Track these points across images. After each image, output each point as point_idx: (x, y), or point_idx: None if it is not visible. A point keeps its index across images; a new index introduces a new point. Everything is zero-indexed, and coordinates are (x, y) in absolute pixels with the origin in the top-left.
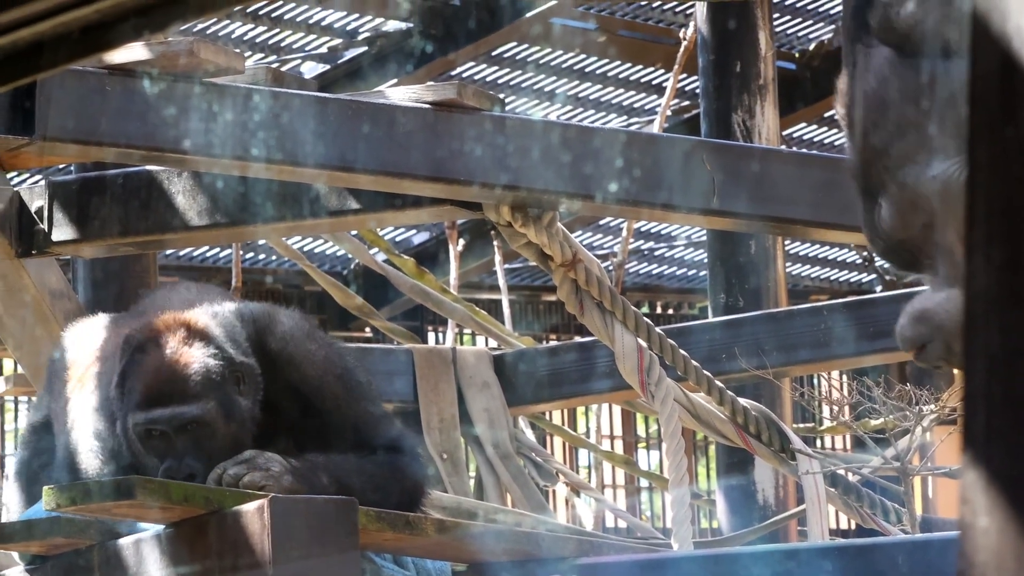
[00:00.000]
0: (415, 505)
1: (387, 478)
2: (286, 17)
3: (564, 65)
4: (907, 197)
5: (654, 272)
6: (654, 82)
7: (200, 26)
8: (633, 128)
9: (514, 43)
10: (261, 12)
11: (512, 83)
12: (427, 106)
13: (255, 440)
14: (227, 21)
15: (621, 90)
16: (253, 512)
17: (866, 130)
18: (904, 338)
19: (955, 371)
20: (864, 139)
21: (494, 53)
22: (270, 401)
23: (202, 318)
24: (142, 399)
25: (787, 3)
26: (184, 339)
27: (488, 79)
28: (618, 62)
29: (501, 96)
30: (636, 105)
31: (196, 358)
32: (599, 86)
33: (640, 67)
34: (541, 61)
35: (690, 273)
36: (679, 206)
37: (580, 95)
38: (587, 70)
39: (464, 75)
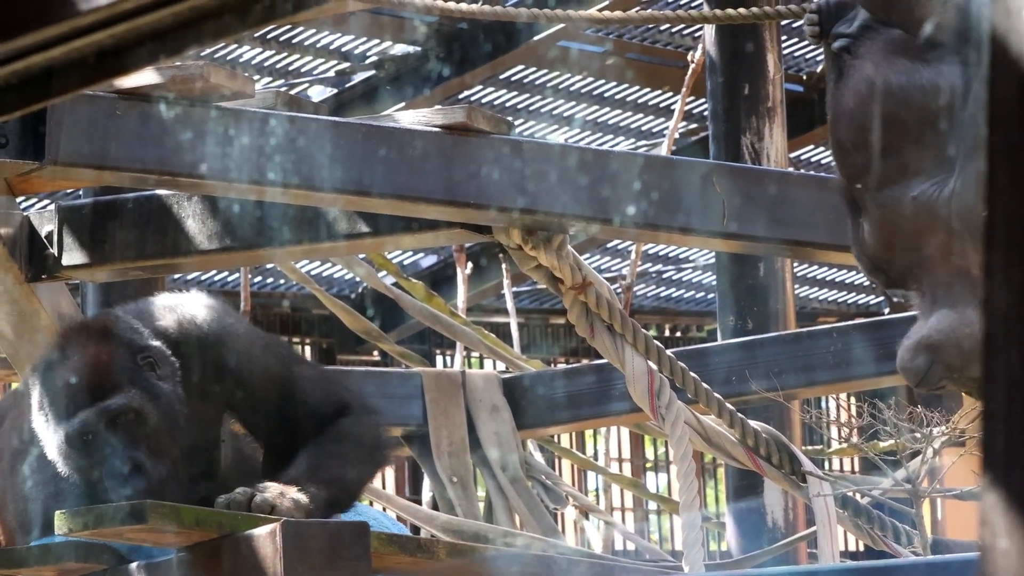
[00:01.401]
0: (386, 459)
1: (354, 447)
2: (294, 41)
3: (572, 88)
4: (887, 218)
5: (662, 295)
6: (662, 105)
7: (208, 50)
8: (641, 151)
9: (522, 66)
10: (269, 36)
11: (520, 106)
12: (441, 130)
13: (199, 426)
14: (235, 45)
15: (629, 113)
16: (265, 536)
17: (845, 149)
18: (906, 370)
19: (960, 391)
20: (845, 158)
21: (502, 76)
22: (206, 386)
23: (98, 320)
24: (65, 410)
25: (795, 25)
26: (84, 344)
27: (496, 102)
28: (626, 85)
29: (509, 119)
30: (644, 128)
31: (102, 354)
32: (607, 109)
33: (648, 90)
34: (549, 84)
35: (698, 296)
36: (697, 229)
37: (588, 118)
38: (595, 93)
39: (472, 98)
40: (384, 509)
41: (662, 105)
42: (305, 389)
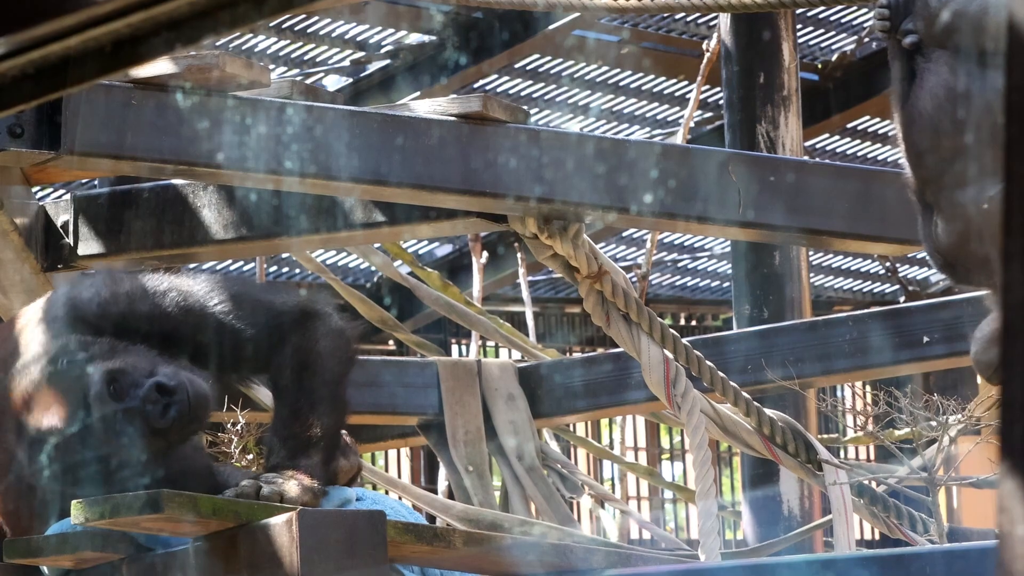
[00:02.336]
0: (353, 359)
1: (319, 376)
2: (309, 30)
3: (587, 77)
4: (962, 217)
5: (677, 283)
6: (677, 94)
7: (223, 39)
8: (657, 139)
9: (537, 55)
10: (284, 25)
11: (535, 95)
12: (459, 119)
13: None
14: (250, 34)
15: (644, 102)
16: (282, 525)
17: (921, 152)
18: (979, 362)
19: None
20: (920, 158)
21: (516, 65)
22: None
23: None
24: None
25: (810, 14)
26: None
27: (512, 91)
28: (641, 74)
29: (525, 108)
30: (660, 116)
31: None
32: (622, 97)
33: (663, 79)
34: (564, 73)
35: (713, 284)
36: (714, 218)
37: (604, 106)
38: (610, 82)
39: (488, 87)
40: (400, 498)
41: (678, 94)
42: (236, 322)
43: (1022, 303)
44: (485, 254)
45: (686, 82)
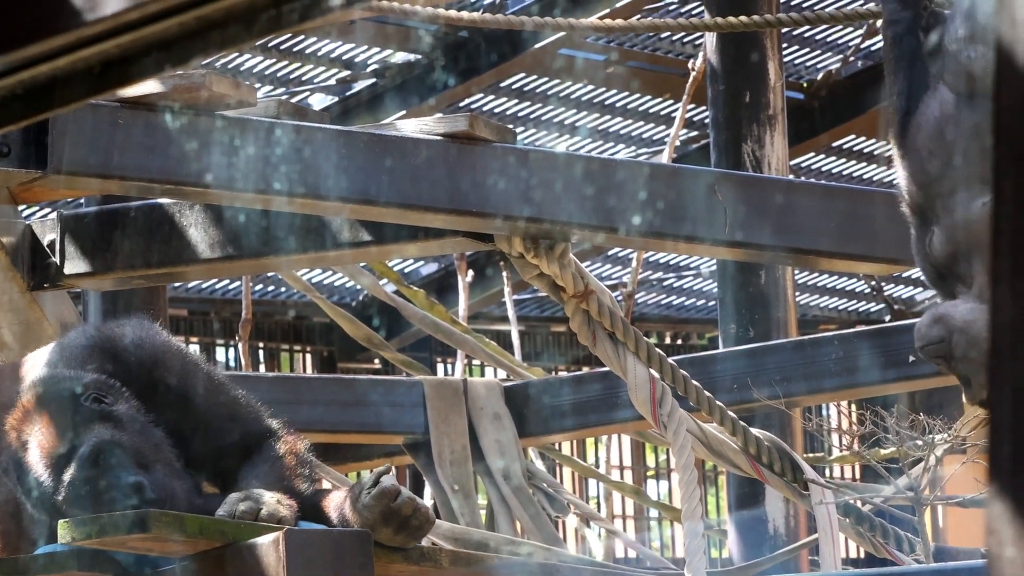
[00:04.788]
0: (317, 476)
1: (298, 465)
2: (295, 49)
3: (573, 96)
4: (955, 222)
5: (663, 302)
6: (663, 113)
7: (213, 59)
8: (642, 158)
9: (523, 74)
10: (270, 44)
11: (521, 114)
12: (446, 139)
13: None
14: (236, 53)
15: (630, 120)
16: (269, 545)
17: (923, 155)
18: (920, 334)
19: (948, 373)
20: (921, 164)
21: (503, 84)
22: (153, 405)
23: (25, 388)
24: (51, 480)
25: (795, 33)
26: (25, 416)
27: (498, 110)
28: (626, 92)
29: (511, 127)
30: (646, 135)
31: (43, 417)
32: (608, 116)
33: (649, 97)
34: (550, 92)
35: (699, 304)
36: (702, 238)
37: (590, 126)
38: (596, 101)
39: (474, 106)
40: None
41: (664, 113)
42: (239, 412)
43: (1010, 324)
44: (471, 273)
45: (672, 101)
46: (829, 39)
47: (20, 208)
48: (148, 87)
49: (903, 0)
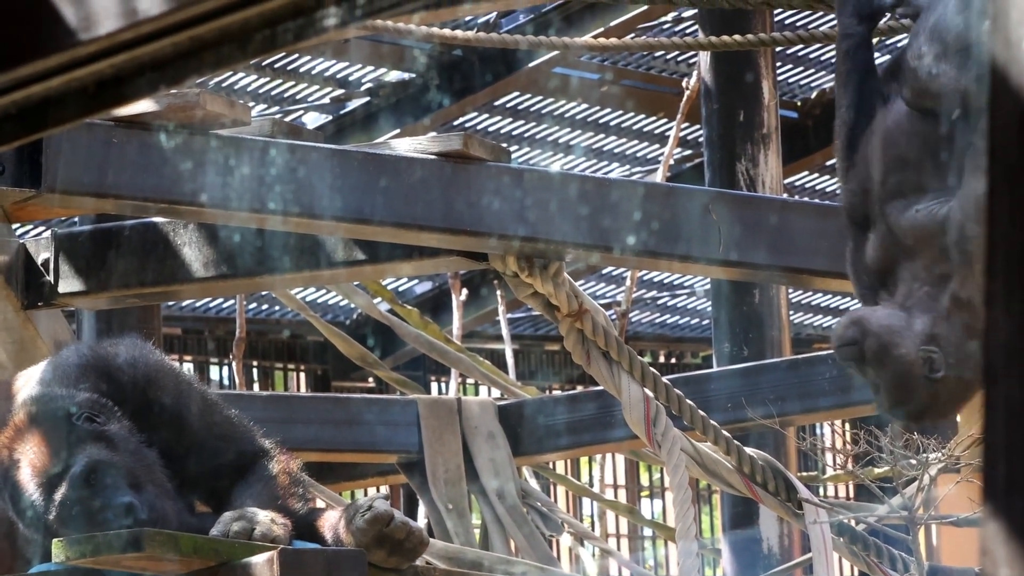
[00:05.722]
0: (308, 495)
1: (291, 484)
2: (289, 68)
3: (567, 115)
4: (890, 229)
5: (657, 321)
6: (657, 131)
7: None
8: (636, 177)
9: (518, 93)
10: (264, 63)
11: (515, 133)
12: (441, 158)
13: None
14: (229, 72)
15: (625, 139)
16: (263, 564)
17: (870, 161)
18: (836, 334)
19: (859, 375)
20: (865, 169)
21: (498, 103)
22: (147, 426)
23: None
24: (42, 500)
25: (789, 52)
26: (16, 435)
27: (492, 129)
28: (620, 111)
29: (505, 146)
30: (640, 154)
31: (36, 437)
32: (602, 135)
33: (643, 116)
34: (544, 111)
35: (693, 322)
36: (697, 257)
37: (584, 144)
38: (591, 119)
39: (468, 125)
40: None
41: (658, 131)
42: (232, 432)
43: (1004, 345)
44: (465, 291)
45: (666, 120)
46: (823, 58)
47: (14, 227)
48: (142, 106)
49: (858, 15)
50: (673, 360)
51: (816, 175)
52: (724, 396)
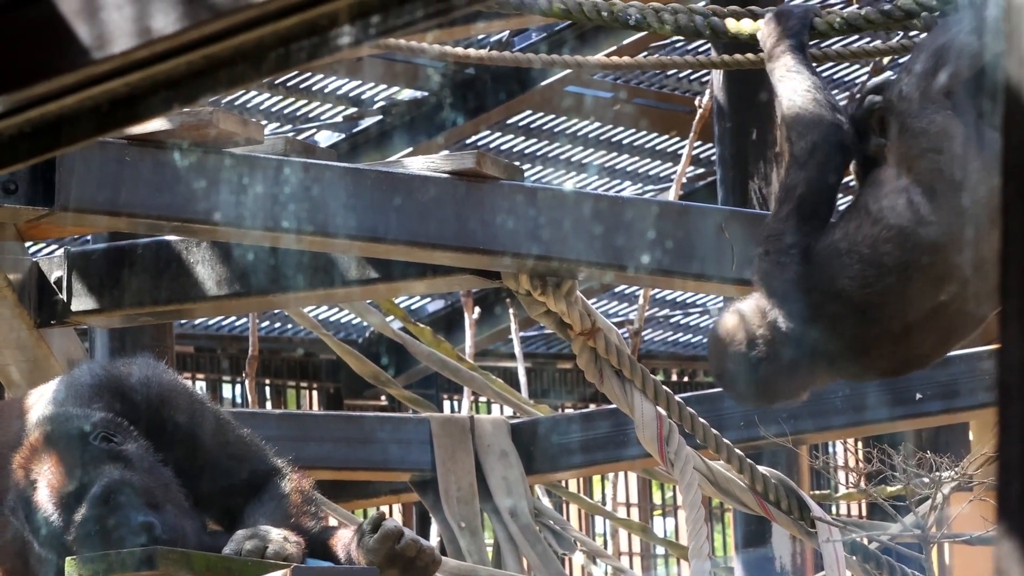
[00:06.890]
0: (322, 512)
1: (304, 503)
2: (302, 86)
3: (580, 133)
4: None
5: (670, 339)
6: (670, 150)
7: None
8: (649, 195)
9: (530, 111)
10: (277, 81)
11: (528, 151)
12: (454, 177)
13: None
14: (243, 90)
15: (638, 157)
16: None
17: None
18: (713, 338)
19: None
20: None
21: (511, 121)
22: (160, 445)
23: (32, 429)
24: (61, 521)
25: None
26: (32, 456)
27: (505, 147)
28: (633, 130)
29: (518, 164)
30: (653, 173)
31: (52, 456)
32: (615, 153)
33: (656, 135)
34: (557, 129)
35: (706, 341)
36: (711, 276)
37: (597, 162)
38: (603, 138)
39: (481, 143)
40: None
41: (671, 150)
42: (245, 451)
43: (1019, 364)
44: (477, 310)
45: (679, 138)
46: (834, 76)
47: (27, 245)
48: (156, 125)
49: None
50: (686, 378)
51: None
52: (737, 414)
